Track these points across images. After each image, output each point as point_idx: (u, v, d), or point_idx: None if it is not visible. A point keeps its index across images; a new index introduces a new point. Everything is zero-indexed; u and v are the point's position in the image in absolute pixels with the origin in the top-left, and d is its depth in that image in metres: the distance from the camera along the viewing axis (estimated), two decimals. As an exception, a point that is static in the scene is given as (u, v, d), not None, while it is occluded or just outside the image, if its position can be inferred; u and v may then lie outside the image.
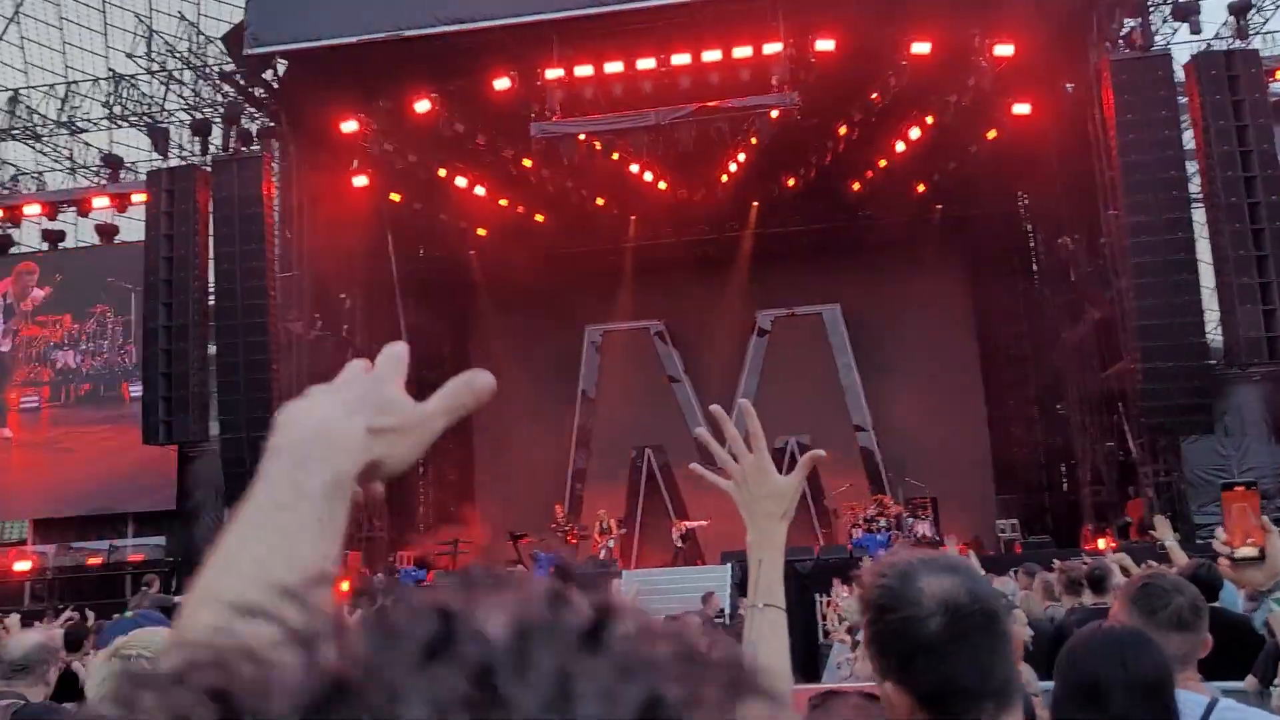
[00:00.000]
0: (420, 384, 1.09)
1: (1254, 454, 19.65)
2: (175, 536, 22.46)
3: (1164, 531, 7.69)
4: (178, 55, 23.33)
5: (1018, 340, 27.25)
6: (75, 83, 25.64)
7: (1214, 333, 19.75)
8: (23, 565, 23.20)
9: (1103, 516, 22.10)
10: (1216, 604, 5.36)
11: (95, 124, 25.27)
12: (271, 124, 22.97)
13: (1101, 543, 19.38)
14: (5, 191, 26.61)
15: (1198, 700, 3.07)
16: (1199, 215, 19.51)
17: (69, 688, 6.45)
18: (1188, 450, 19.52)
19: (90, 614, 14.95)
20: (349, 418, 1.03)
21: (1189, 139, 19.78)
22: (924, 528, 21.94)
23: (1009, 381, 27.24)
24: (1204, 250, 19.44)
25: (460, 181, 24.20)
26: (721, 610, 14.13)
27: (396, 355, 1.13)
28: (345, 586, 20.30)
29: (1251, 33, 21.00)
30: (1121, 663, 2.70)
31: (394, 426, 1.05)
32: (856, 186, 25.36)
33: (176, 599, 15.23)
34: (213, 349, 21.49)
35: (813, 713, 1.78)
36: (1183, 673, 3.16)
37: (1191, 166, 19.73)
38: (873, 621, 1.89)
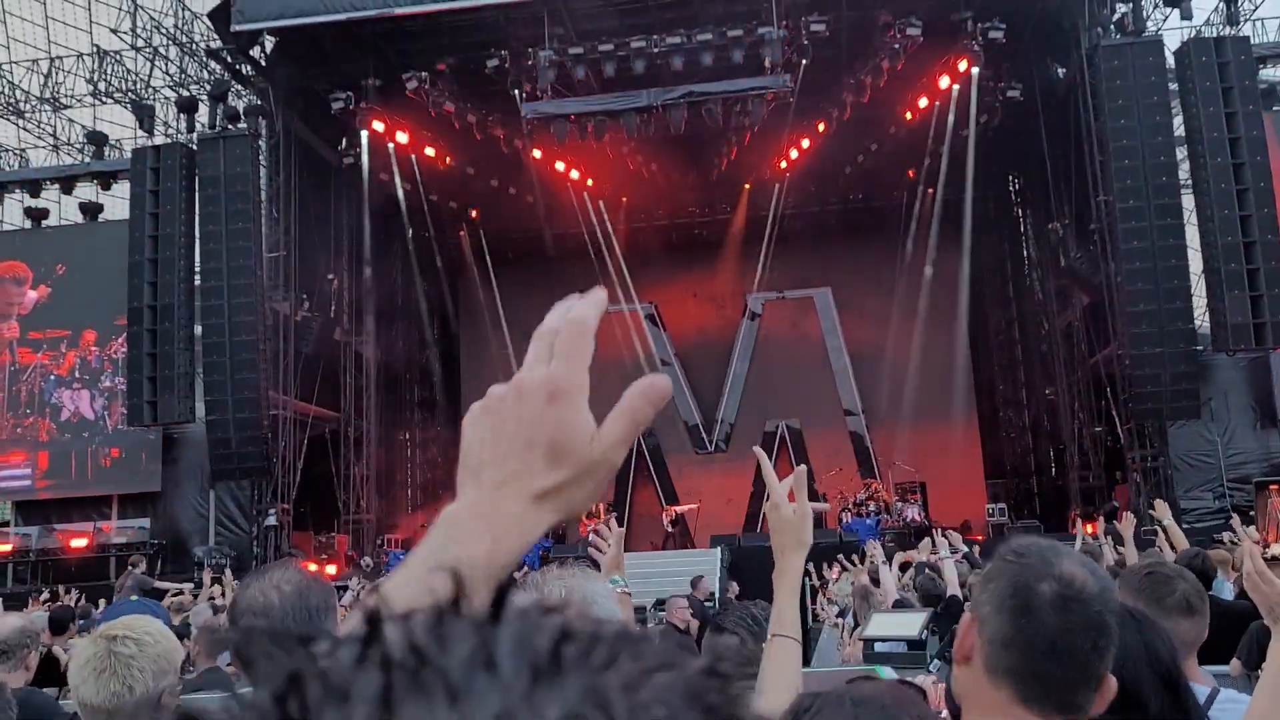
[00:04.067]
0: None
1: (1240, 439, 19.81)
2: (159, 518, 22.35)
3: (1163, 511, 7.75)
4: (163, 31, 23.14)
5: (1007, 325, 27.31)
6: (59, 58, 25.36)
7: (1202, 318, 19.78)
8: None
9: (1090, 501, 22.13)
10: (1210, 592, 5.37)
11: (79, 101, 25.03)
12: (259, 102, 22.78)
13: (1088, 528, 19.39)
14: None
15: (1198, 690, 3.06)
16: (1188, 201, 19.50)
17: (50, 671, 6.38)
18: (1174, 435, 19.63)
19: (76, 593, 14.91)
20: (511, 484, 0.87)
21: (1178, 125, 19.76)
22: (913, 512, 21.98)
23: (999, 366, 27.29)
24: (1192, 236, 19.44)
25: (449, 162, 24.07)
26: (711, 594, 14.09)
27: (599, 304, 0.95)
28: (332, 570, 20.28)
29: (1242, 19, 21.04)
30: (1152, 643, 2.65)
31: (567, 480, 0.89)
32: (848, 170, 25.29)
33: (159, 582, 15.16)
34: (199, 329, 21.33)
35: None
36: (1186, 660, 3.16)
37: (1181, 152, 19.71)
38: (989, 580, 1.82)
